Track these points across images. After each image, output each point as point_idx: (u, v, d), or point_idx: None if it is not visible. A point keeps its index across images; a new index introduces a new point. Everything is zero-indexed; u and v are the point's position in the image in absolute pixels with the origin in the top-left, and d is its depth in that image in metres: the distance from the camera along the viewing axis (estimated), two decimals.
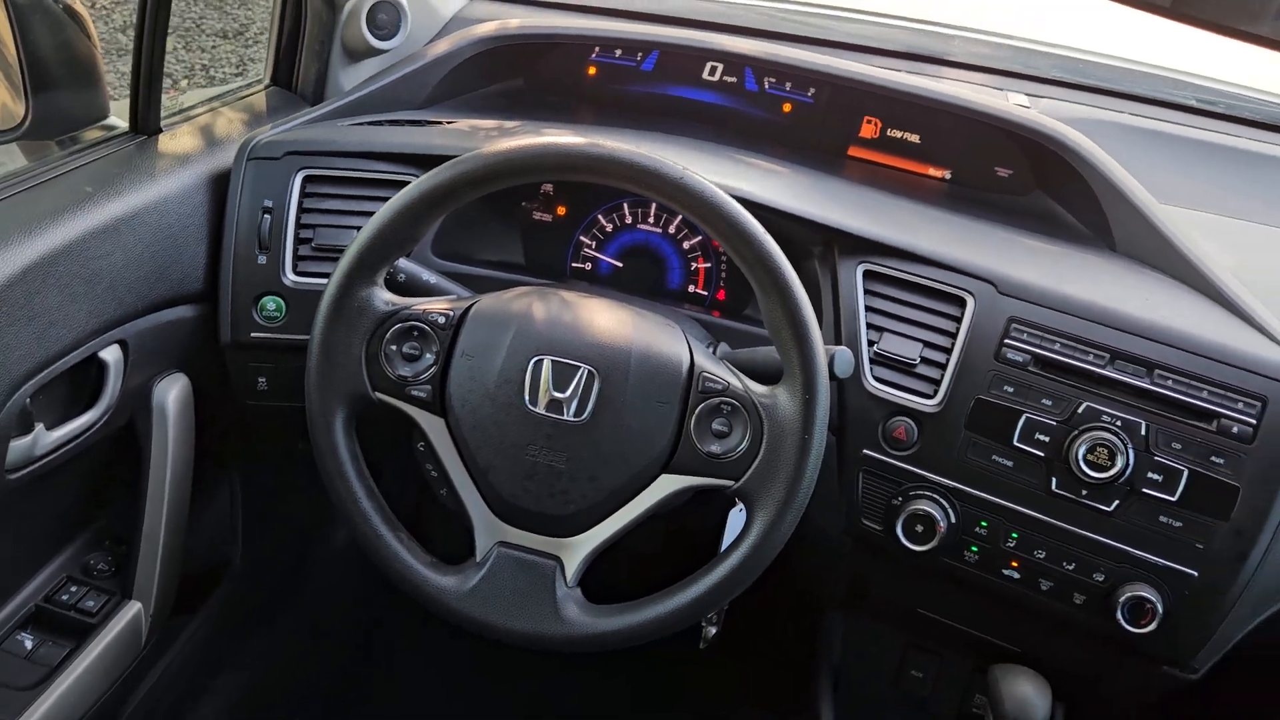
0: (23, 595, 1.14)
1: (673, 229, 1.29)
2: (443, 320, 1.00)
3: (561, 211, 1.31)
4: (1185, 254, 1.17)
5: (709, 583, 0.95)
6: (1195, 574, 1.03)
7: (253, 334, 1.19)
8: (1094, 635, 1.08)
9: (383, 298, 1.00)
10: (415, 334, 0.99)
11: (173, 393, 1.18)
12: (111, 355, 1.09)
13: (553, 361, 0.97)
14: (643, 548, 1.09)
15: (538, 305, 1.01)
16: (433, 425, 1.00)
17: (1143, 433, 1.03)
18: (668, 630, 0.96)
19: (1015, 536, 1.07)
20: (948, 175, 1.39)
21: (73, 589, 1.18)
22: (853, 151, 1.42)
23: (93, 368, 1.09)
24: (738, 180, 1.15)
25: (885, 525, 1.11)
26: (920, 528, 1.08)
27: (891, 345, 1.10)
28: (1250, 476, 1.01)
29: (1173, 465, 1.02)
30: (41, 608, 1.15)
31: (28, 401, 0.99)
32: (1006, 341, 1.07)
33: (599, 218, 1.30)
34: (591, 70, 1.47)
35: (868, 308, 1.11)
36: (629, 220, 1.30)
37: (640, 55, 1.45)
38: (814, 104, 1.42)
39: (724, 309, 1.27)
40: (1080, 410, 1.04)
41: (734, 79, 1.44)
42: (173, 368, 1.20)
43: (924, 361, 1.09)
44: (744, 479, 0.95)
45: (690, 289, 1.29)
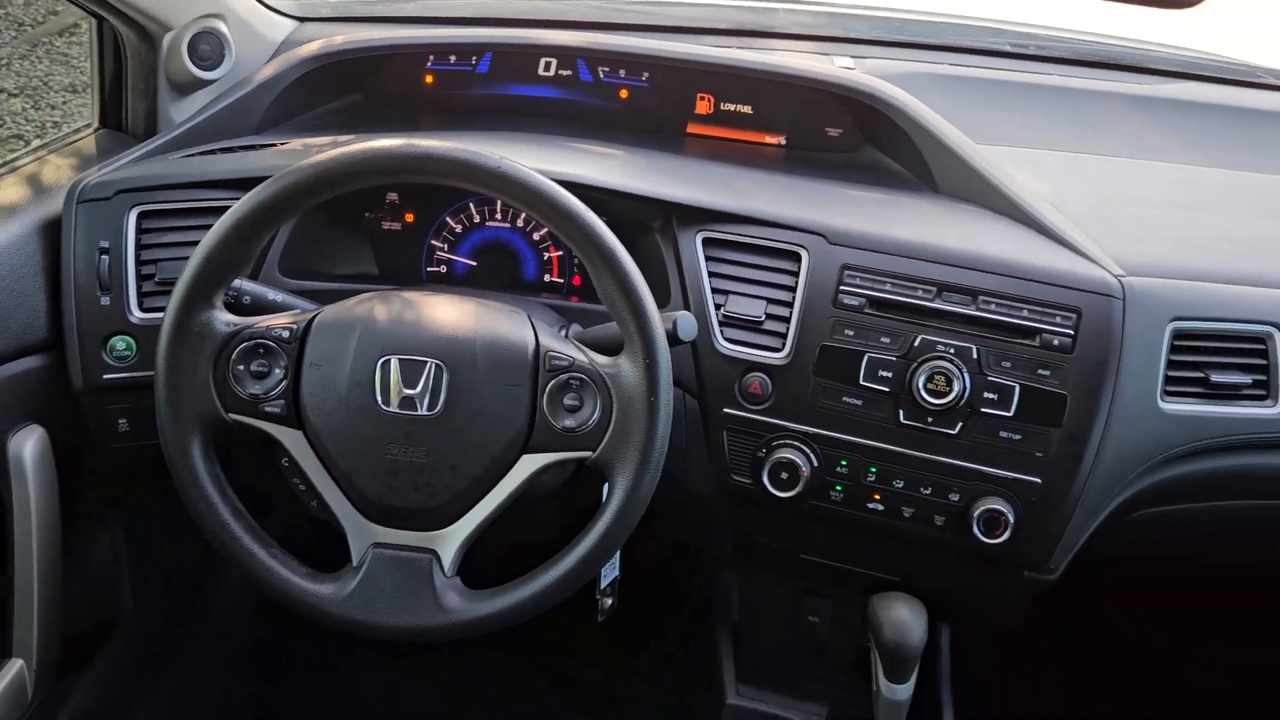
0: None
1: (521, 222, 1.31)
2: (287, 334, 1.00)
3: (410, 218, 1.32)
4: (999, 187, 1.24)
5: (579, 554, 0.98)
6: (1039, 481, 1.10)
7: (105, 376, 1.18)
8: (958, 552, 1.14)
9: (223, 319, 1.00)
10: (261, 351, 1.00)
11: (28, 444, 1.16)
12: None
13: (400, 360, 0.98)
14: (541, 536, 1.11)
15: (380, 308, 1.02)
16: (291, 439, 1.01)
17: (975, 356, 1.09)
18: (546, 604, 0.98)
19: (874, 471, 1.13)
20: (783, 141, 1.44)
21: None
22: (691, 128, 1.46)
23: None
24: (569, 166, 1.18)
25: (753, 478, 1.15)
26: (785, 475, 1.13)
27: (738, 306, 1.14)
28: (1075, 383, 1.08)
29: (1005, 383, 1.09)
30: None
31: None
32: (842, 288, 1.12)
33: (447, 220, 1.31)
34: (429, 79, 1.48)
35: (711, 273, 1.16)
36: (477, 219, 1.31)
37: (474, 58, 1.47)
38: (649, 87, 1.46)
39: (581, 294, 1.30)
40: (916, 343, 1.10)
41: (569, 72, 1.47)
42: (27, 420, 1.18)
43: (769, 317, 1.14)
44: (600, 448, 0.98)
45: (546, 278, 1.31)
